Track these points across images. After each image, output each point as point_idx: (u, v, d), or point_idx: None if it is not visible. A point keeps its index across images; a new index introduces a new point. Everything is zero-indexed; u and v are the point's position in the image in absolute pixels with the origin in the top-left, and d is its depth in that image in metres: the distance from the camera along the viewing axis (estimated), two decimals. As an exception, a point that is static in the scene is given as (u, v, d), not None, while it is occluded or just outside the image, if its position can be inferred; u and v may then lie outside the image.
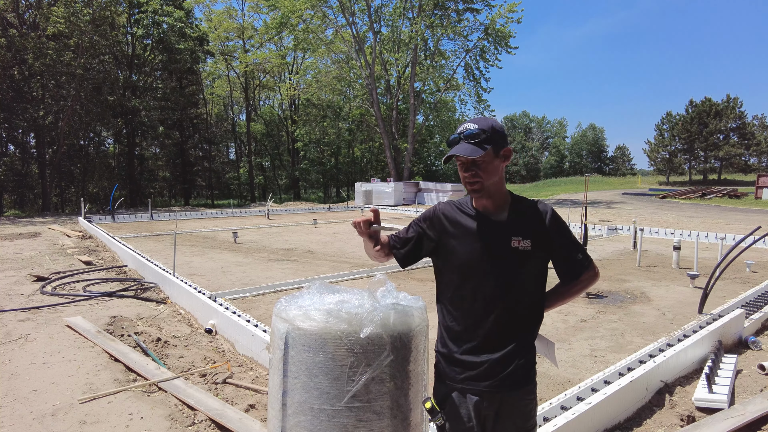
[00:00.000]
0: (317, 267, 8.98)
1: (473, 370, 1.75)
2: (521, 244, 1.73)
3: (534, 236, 1.75)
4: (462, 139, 1.74)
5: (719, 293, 6.81)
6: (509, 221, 1.77)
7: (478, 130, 1.71)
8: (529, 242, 1.74)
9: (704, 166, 60.41)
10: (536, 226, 1.77)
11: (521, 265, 1.74)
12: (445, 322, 1.84)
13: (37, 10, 23.47)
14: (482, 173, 1.72)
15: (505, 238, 1.74)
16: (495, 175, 1.75)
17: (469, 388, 1.74)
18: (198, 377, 4.13)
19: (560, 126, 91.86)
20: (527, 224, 1.77)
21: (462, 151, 1.70)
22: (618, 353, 4.63)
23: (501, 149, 1.74)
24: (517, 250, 1.73)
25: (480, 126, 1.72)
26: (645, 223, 16.17)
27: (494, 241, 1.75)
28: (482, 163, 1.72)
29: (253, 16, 40.06)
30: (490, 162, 1.72)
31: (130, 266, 8.93)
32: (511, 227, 1.76)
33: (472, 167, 1.73)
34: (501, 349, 1.73)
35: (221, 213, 21.06)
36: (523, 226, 1.76)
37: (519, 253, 1.73)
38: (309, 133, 38.99)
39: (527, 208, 1.81)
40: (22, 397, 3.68)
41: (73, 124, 25.46)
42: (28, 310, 5.98)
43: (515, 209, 1.80)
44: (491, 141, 1.71)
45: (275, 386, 1.74)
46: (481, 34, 29.61)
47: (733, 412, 3.40)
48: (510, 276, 1.74)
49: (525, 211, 1.80)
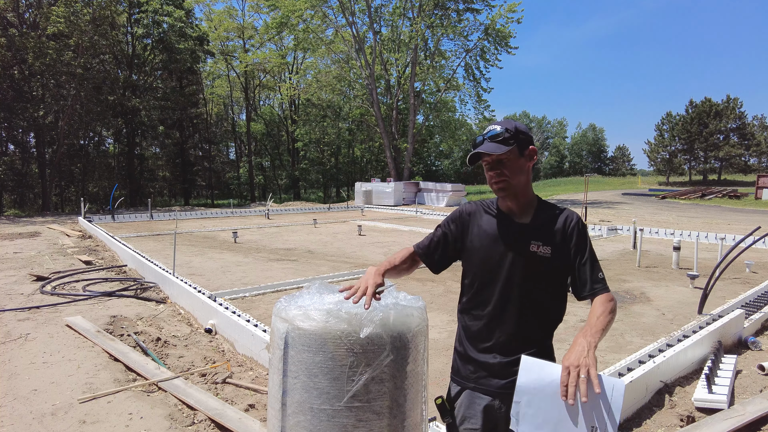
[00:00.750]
0: (317, 267, 8.98)
1: (486, 370, 1.76)
2: (540, 250, 1.72)
3: (555, 244, 1.73)
4: (486, 140, 1.74)
5: (719, 293, 6.81)
6: (532, 225, 1.76)
7: (502, 130, 1.73)
8: (550, 249, 1.72)
9: (704, 167, 60.44)
10: (559, 234, 1.74)
11: (538, 271, 1.72)
12: (464, 320, 1.86)
13: (38, 10, 23.47)
14: (507, 171, 1.73)
15: (524, 242, 1.73)
16: (521, 175, 1.74)
17: (482, 387, 1.76)
18: (198, 377, 4.13)
19: (560, 126, 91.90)
20: (550, 230, 1.74)
21: (487, 149, 1.71)
22: (618, 353, 4.63)
23: (525, 149, 1.74)
24: (535, 255, 1.72)
25: (504, 126, 1.74)
26: (645, 223, 16.17)
27: (514, 244, 1.74)
28: (507, 161, 1.72)
29: (253, 16, 40.13)
30: (514, 160, 1.73)
31: (129, 266, 8.93)
32: (533, 231, 1.74)
33: (498, 166, 1.73)
34: (515, 353, 1.71)
35: (221, 213, 21.06)
36: (546, 232, 1.74)
37: (537, 258, 1.72)
38: (309, 133, 39.00)
39: (553, 214, 1.78)
40: (21, 397, 3.68)
41: (73, 124, 25.45)
42: (28, 309, 5.98)
43: (540, 214, 1.78)
44: (515, 139, 1.72)
45: (275, 386, 1.74)
46: (481, 34, 29.63)
47: (732, 412, 3.40)
48: (527, 281, 1.73)
49: (550, 217, 1.77)
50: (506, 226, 1.78)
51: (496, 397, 1.73)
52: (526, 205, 1.79)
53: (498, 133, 1.72)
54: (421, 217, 19.89)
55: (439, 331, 5.31)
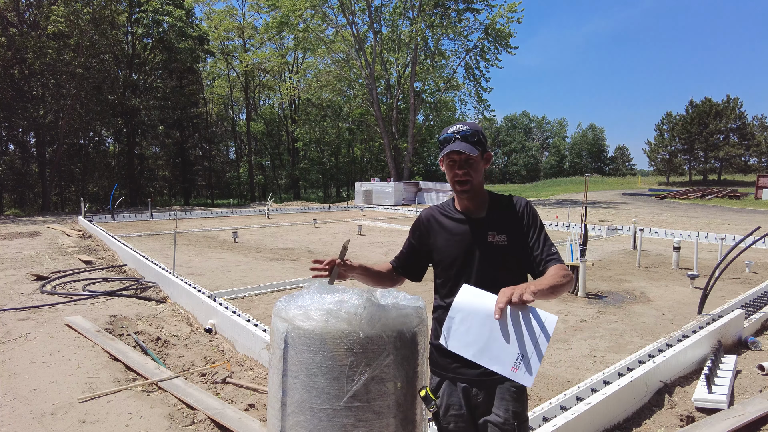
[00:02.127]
0: (317, 266, 8.97)
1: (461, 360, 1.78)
2: (497, 239, 1.84)
3: (509, 230, 1.86)
4: (458, 139, 1.82)
5: (719, 293, 6.81)
6: (487, 218, 1.89)
7: (473, 131, 1.84)
8: (505, 237, 1.85)
9: (704, 167, 60.44)
10: (511, 220, 1.88)
11: (500, 259, 1.84)
12: (438, 315, 1.96)
13: (38, 9, 23.47)
14: (473, 172, 1.85)
15: (482, 234, 1.85)
16: (480, 175, 1.89)
17: (459, 377, 1.85)
18: (198, 376, 4.13)
19: (560, 126, 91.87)
20: (503, 219, 1.88)
21: (463, 148, 1.80)
22: (617, 353, 4.63)
23: (485, 152, 1.89)
24: (493, 245, 1.84)
25: (472, 128, 1.85)
26: (645, 223, 16.17)
27: (473, 238, 1.87)
28: (474, 162, 1.84)
29: (253, 16, 40.11)
30: (478, 162, 1.85)
31: (129, 265, 8.93)
32: (488, 223, 1.88)
33: (466, 165, 1.84)
34: None
35: (221, 212, 21.06)
36: (500, 222, 1.87)
37: (495, 247, 1.84)
38: (309, 132, 39.01)
39: (504, 204, 1.93)
40: (21, 396, 3.68)
41: (73, 123, 25.46)
42: (28, 309, 5.98)
43: (493, 206, 1.92)
44: (481, 143, 1.85)
45: (275, 386, 1.74)
46: (482, 34, 29.64)
47: (732, 412, 3.40)
48: (490, 270, 1.84)
49: (501, 207, 1.92)
50: (464, 223, 1.90)
51: (473, 384, 1.83)
52: (481, 202, 1.92)
53: (470, 133, 1.82)
54: (421, 216, 19.87)
55: (439, 331, 5.31)
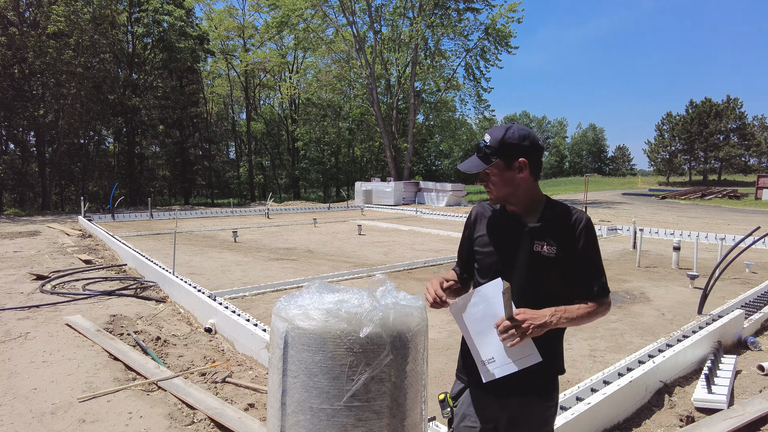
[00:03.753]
0: (317, 266, 8.98)
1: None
2: (544, 250, 1.71)
3: (560, 244, 1.72)
4: (475, 151, 1.77)
5: (719, 294, 6.81)
6: (537, 225, 1.75)
7: (485, 144, 1.73)
8: (555, 249, 1.71)
9: (704, 167, 60.45)
10: (565, 234, 1.73)
11: (543, 271, 1.72)
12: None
13: (38, 9, 23.44)
14: (492, 186, 1.75)
15: (528, 242, 1.73)
16: (509, 187, 1.73)
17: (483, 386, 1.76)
18: (197, 376, 4.13)
19: (560, 126, 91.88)
20: (555, 230, 1.73)
21: (464, 166, 1.76)
22: (617, 353, 4.63)
23: (514, 161, 1.71)
24: (539, 255, 1.72)
25: (491, 139, 1.73)
26: (645, 223, 16.17)
27: (518, 244, 1.75)
28: (492, 175, 1.74)
29: (253, 15, 40.11)
30: (500, 174, 1.73)
31: (129, 265, 8.93)
32: (537, 231, 1.74)
33: (485, 178, 1.76)
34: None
35: (221, 212, 21.06)
36: (550, 232, 1.73)
37: (541, 258, 1.72)
38: (309, 132, 38.98)
39: (562, 214, 1.77)
40: (21, 396, 3.68)
41: (73, 123, 25.43)
42: (28, 308, 5.98)
43: (547, 214, 1.77)
44: (498, 154, 1.70)
45: (274, 385, 1.74)
46: (482, 34, 29.61)
47: (732, 412, 3.40)
48: (531, 280, 1.73)
49: (556, 217, 1.76)
50: (510, 226, 1.79)
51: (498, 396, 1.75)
52: (530, 206, 1.78)
53: (481, 147, 1.73)
54: (421, 216, 19.89)
55: (439, 331, 5.31)
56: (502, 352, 1.62)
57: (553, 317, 1.62)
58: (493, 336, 1.63)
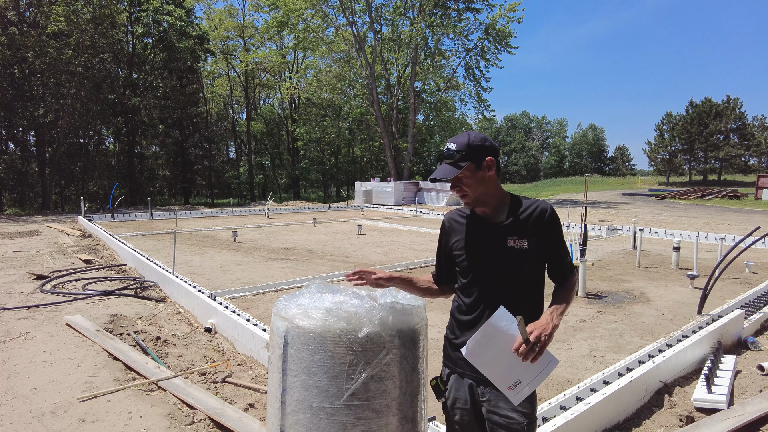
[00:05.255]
0: (317, 266, 8.98)
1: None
2: (517, 243, 1.82)
3: (531, 236, 1.83)
4: (443, 159, 1.85)
5: (719, 294, 6.81)
6: (506, 222, 1.87)
7: (453, 150, 1.82)
8: (526, 242, 1.83)
9: (704, 167, 60.46)
10: (534, 226, 1.85)
11: (518, 263, 1.83)
12: (454, 311, 1.97)
13: (38, 9, 23.46)
14: (467, 188, 1.85)
15: (501, 238, 1.84)
16: (482, 186, 1.85)
17: (467, 372, 1.85)
18: (197, 376, 4.13)
19: (560, 126, 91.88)
20: (525, 224, 1.85)
21: (438, 174, 1.84)
22: (617, 353, 4.63)
23: (482, 161, 1.82)
24: (513, 249, 1.82)
25: (456, 145, 1.82)
26: (645, 223, 16.17)
27: (492, 242, 1.86)
28: (464, 178, 1.83)
29: (253, 15, 40.11)
30: (471, 176, 1.83)
31: (129, 265, 8.93)
32: (508, 228, 1.85)
33: (457, 183, 1.85)
34: None
35: (221, 212, 21.06)
36: (520, 227, 1.85)
37: (515, 252, 1.82)
38: (309, 132, 38.97)
39: (526, 208, 1.88)
40: (21, 396, 3.68)
41: (73, 123, 25.44)
42: (28, 308, 5.98)
43: (514, 210, 1.88)
44: (468, 158, 1.81)
45: (274, 384, 1.74)
46: (482, 34, 29.61)
47: (732, 412, 3.40)
48: (506, 274, 1.83)
49: (523, 212, 1.87)
50: (482, 227, 1.90)
51: (479, 383, 1.83)
52: (498, 205, 1.90)
53: (450, 154, 1.82)
54: (421, 216, 19.89)
55: (439, 331, 5.31)
56: (525, 372, 1.68)
57: (555, 318, 1.74)
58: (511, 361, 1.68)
